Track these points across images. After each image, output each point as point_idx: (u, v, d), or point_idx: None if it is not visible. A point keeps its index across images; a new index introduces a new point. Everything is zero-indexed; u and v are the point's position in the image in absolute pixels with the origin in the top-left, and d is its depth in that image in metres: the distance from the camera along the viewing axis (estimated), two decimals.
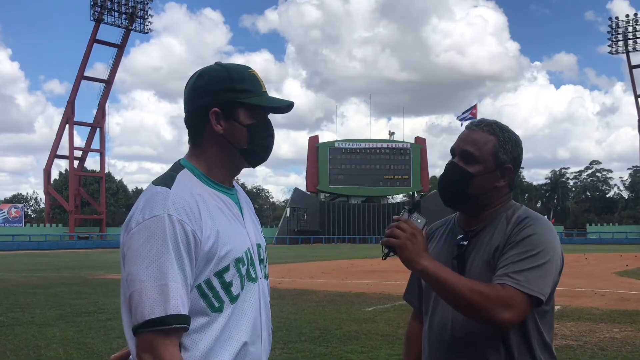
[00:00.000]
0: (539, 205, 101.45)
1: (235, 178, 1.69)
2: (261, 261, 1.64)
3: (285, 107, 1.63)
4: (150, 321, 1.37)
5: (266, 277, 1.67)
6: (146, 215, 1.43)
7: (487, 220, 1.80)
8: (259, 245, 1.65)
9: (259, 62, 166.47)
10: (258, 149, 1.62)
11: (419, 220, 1.72)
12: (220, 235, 1.49)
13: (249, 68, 1.62)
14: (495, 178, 1.78)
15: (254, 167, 1.66)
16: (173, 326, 1.39)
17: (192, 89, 1.59)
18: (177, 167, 1.58)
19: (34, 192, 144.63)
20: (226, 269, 1.49)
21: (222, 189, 1.60)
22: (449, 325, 1.78)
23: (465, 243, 1.80)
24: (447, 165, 1.84)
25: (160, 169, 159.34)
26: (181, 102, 1.64)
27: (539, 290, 1.63)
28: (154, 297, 1.38)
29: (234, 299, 1.50)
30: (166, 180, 1.52)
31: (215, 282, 1.48)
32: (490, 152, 1.77)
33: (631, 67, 78.51)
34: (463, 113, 71.65)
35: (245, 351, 1.51)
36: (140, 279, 1.39)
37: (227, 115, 1.56)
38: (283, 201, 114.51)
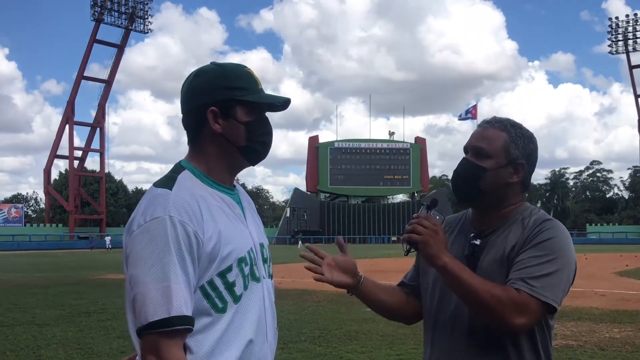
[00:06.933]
0: (539, 205, 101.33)
1: (236, 178, 1.68)
2: (265, 260, 1.64)
3: (282, 103, 1.63)
4: (153, 323, 1.38)
5: (270, 276, 1.67)
6: (147, 217, 1.43)
7: (501, 221, 1.78)
8: (262, 245, 1.65)
9: (255, 61, 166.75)
10: (257, 146, 1.61)
11: (437, 217, 1.73)
12: (222, 236, 1.49)
13: (245, 66, 1.62)
14: (508, 174, 1.76)
15: (253, 164, 1.66)
16: (176, 327, 1.39)
17: (189, 89, 1.59)
18: (177, 169, 1.58)
19: (33, 192, 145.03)
20: (229, 269, 1.49)
21: (223, 189, 1.60)
22: (460, 315, 1.76)
23: (478, 242, 1.78)
24: (459, 162, 1.83)
25: (159, 168, 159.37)
26: (178, 101, 1.64)
27: (554, 298, 1.63)
28: (157, 298, 1.38)
29: (237, 299, 1.50)
30: (167, 181, 1.52)
31: (219, 283, 1.48)
32: (501, 147, 1.76)
33: (631, 67, 78.51)
34: (465, 114, 71.63)
35: (250, 350, 1.51)
36: (143, 281, 1.40)
37: (225, 114, 1.56)
38: (283, 201, 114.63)
